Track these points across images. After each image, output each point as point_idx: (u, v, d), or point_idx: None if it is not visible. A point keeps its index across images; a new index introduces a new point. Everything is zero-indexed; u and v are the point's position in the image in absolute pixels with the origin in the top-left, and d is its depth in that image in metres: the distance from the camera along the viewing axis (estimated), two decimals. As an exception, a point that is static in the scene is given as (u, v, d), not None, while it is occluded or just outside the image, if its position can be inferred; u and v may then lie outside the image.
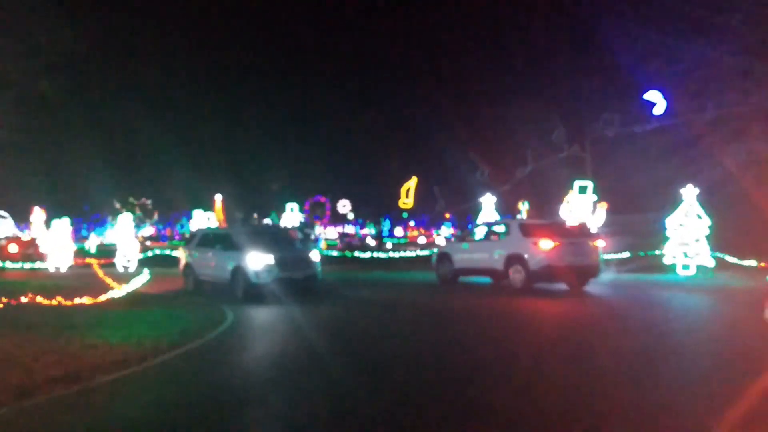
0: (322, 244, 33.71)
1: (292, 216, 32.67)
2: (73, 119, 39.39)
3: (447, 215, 42.89)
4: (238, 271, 14.90)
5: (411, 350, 8.66)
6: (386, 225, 43.52)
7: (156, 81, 47.33)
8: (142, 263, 24.56)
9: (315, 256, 16.27)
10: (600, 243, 16.85)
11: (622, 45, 28.75)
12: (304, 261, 15.62)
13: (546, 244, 15.66)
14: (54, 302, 12.62)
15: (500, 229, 17.11)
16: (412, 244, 40.99)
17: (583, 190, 24.89)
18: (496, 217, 27.94)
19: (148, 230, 39.59)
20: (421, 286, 17.75)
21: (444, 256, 17.97)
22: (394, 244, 39.88)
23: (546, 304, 14.13)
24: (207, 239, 17.25)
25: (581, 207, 24.34)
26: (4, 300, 12.43)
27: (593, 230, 18.96)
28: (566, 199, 24.80)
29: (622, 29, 28.22)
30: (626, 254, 23.26)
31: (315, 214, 40.82)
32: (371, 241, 40.38)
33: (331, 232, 43.88)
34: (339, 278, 20.36)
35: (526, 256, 15.73)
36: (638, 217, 26.58)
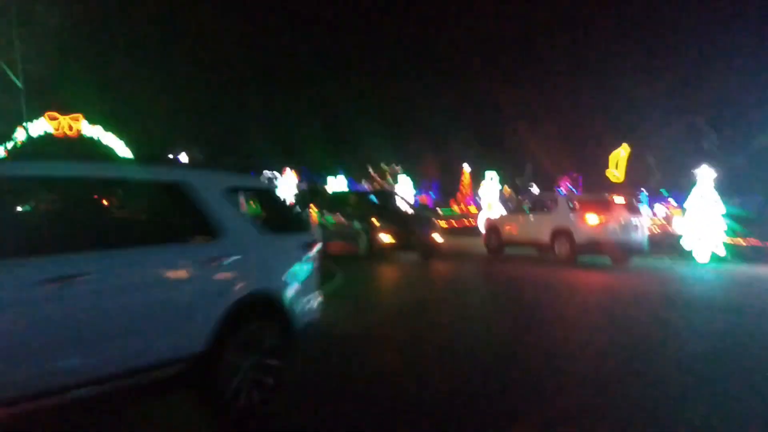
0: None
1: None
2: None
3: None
4: None
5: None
6: (644, 199, 34.92)
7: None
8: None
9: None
10: (647, 220, 16.33)
11: None
12: None
13: (592, 218, 15.58)
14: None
15: (547, 202, 17.12)
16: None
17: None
18: (713, 194, 22.12)
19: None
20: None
21: (492, 228, 18.24)
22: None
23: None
24: None
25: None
26: None
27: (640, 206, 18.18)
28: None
29: None
30: None
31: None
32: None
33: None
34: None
35: (571, 229, 15.74)
36: None
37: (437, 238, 16.50)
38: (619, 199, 16.25)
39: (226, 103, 43.81)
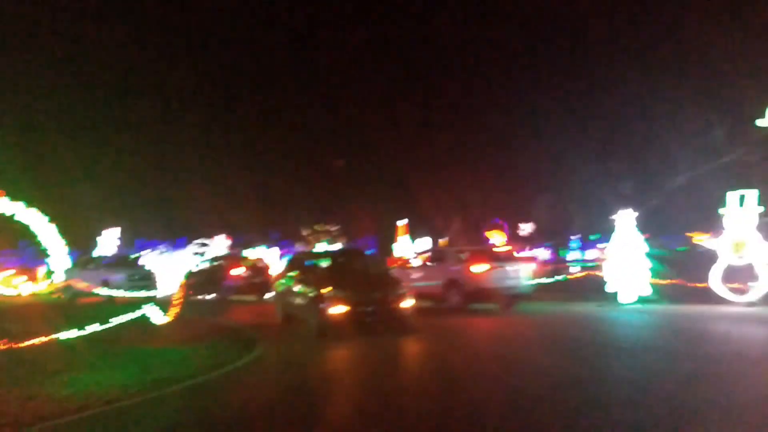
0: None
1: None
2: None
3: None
4: None
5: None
6: (575, 245, 35.90)
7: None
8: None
9: None
10: (529, 267, 17.27)
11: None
12: None
13: (478, 268, 16.38)
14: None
15: (438, 255, 17.96)
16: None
17: (742, 201, 17.73)
18: (637, 237, 20.11)
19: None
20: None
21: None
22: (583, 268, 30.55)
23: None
24: None
25: (741, 222, 17.16)
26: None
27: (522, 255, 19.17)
28: (722, 212, 17.62)
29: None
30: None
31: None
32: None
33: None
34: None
35: (461, 280, 16.49)
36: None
37: (407, 304, 12.39)
38: (501, 249, 17.14)
39: (154, 173, 43.88)
